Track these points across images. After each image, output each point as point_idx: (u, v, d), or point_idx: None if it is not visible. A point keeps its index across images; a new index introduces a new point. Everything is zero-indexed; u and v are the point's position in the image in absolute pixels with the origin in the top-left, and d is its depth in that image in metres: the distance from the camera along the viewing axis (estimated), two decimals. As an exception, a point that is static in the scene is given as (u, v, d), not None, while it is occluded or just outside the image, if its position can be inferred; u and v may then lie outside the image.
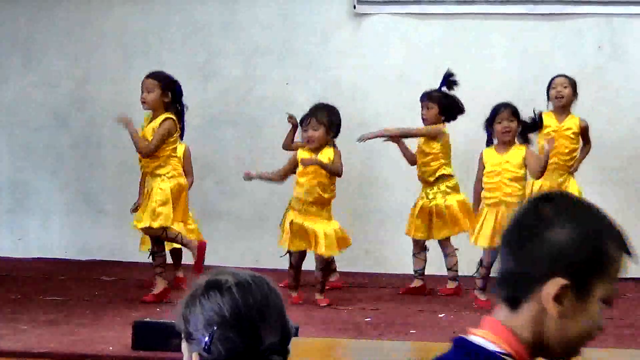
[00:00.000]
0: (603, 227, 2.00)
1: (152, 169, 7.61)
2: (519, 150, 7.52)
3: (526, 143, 7.56)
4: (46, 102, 9.97)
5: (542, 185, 7.96)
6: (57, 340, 6.23)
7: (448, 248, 8.17)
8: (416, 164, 8.16)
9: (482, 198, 7.62)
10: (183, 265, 8.45)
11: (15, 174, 10.09)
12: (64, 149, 9.93)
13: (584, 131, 8.14)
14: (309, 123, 7.61)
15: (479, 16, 9.40)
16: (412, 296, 8.13)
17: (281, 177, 7.88)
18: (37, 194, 10.02)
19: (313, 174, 7.62)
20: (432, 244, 8.28)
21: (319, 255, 7.59)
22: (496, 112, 7.55)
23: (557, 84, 8.11)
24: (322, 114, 7.62)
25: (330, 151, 7.62)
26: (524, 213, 2.03)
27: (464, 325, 7.43)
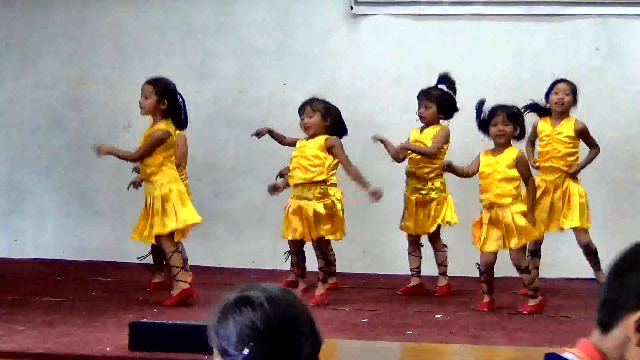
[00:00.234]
0: None
1: (147, 176, 7.59)
2: (512, 151, 7.52)
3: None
4: (42, 103, 9.96)
5: (539, 185, 7.96)
6: (54, 341, 6.23)
7: (438, 243, 8.24)
8: (407, 159, 8.15)
9: (480, 200, 7.63)
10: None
11: (10, 175, 10.08)
12: (60, 150, 9.91)
13: (582, 133, 8.05)
14: (304, 111, 7.65)
15: (476, 17, 9.40)
16: (409, 297, 8.12)
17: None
18: (33, 195, 10.00)
19: (297, 158, 7.64)
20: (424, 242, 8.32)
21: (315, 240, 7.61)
22: (492, 115, 7.54)
23: (560, 90, 8.05)
24: (317, 102, 7.68)
25: (322, 137, 7.58)
26: (631, 248, 2.26)
27: (461, 325, 7.43)
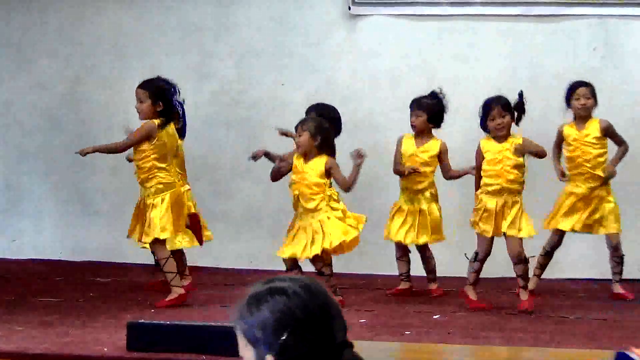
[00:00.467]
0: None
1: (141, 181, 7.57)
2: (516, 139, 7.59)
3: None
4: (39, 104, 9.96)
5: (573, 192, 8.03)
6: (52, 341, 6.22)
7: (427, 251, 8.31)
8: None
9: (482, 185, 7.64)
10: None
11: (8, 176, 10.08)
12: (57, 151, 9.91)
13: (608, 131, 8.10)
14: (297, 130, 7.68)
15: (473, 18, 9.40)
16: (407, 297, 8.13)
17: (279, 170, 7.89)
18: (31, 195, 10.00)
19: (298, 184, 7.63)
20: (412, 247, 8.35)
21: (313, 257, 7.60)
22: (488, 109, 7.57)
23: (581, 95, 8.08)
24: (307, 121, 7.69)
25: (321, 162, 7.61)
26: None
27: (459, 326, 7.42)
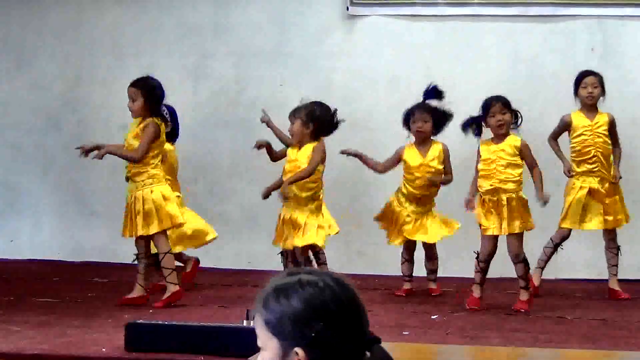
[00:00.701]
0: None
1: (132, 175, 7.54)
2: (514, 140, 7.57)
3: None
4: (38, 104, 9.96)
5: (582, 187, 8.03)
6: (50, 341, 6.22)
7: (432, 250, 8.29)
8: (411, 182, 8.14)
9: (479, 187, 7.63)
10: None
11: (6, 176, 10.07)
12: (56, 151, 9.91)
13: (613, 126, 8.11)
14: (290, 119, 7.76)
15: (471, 18, 9.41)
16: (405, 298, 8.13)
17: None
18: (29, 196, 10.00)
19: (289, 174, 7.69)
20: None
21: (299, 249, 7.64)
22: (488, 107, 7.57)
23: (589, 84, 8.09)
24: (299, 109, 7.76)
25: (309, 147, 7.67)
26: None
27: (457, 326, 7.41)
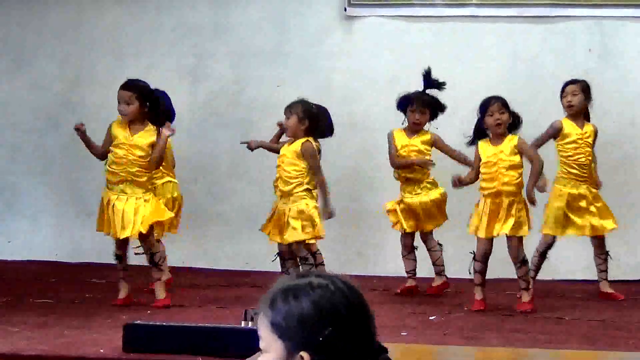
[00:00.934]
0: None
1: (147, 179, 7.58)
2: (511, 140, 7.59)
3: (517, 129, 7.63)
4: (37, 104, 9.95)
5: (570, 193, 8.01)
6: (48, 342, 6.22)
7: (431, 242, 8.28)
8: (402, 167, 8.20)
9: (480, 189, 7.64)
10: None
11: (4, 176, 10.06)
12: (54, 151, 9.90)
13: (595, 136, 8.11)
14: (285, 114, 7.73)
15: (469, 19, 9.41)
16: (403, 298, 8.13)
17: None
18: (27, 196, 9.99)
19: (279, 167, 7.69)
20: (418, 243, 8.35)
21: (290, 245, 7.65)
22: (487, 106, 7.59)
23: (568, 93, 8.07)
24: (295, 104, 7.73)
25: (297, 143, 7.65)
26: None
27: (456, 326, 7.41)
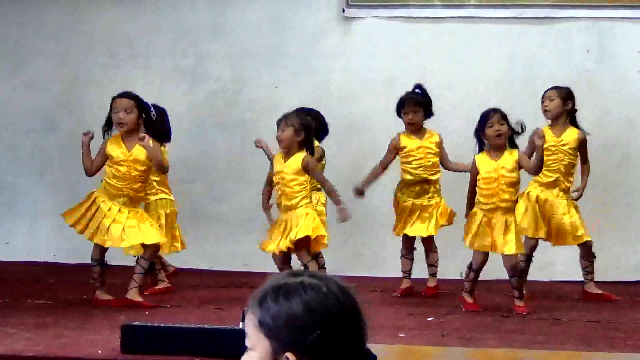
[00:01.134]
0: None
1: (136, 190, 7.64)
2: (511, 155, 7.53)
3: (515, 148, 7.57)
4: (34, 105, 9.95)
5: (539, 197, 7.97)
6: (46, 343, 6.22)
7: (432, 245, 8.28)
8: (414, 165, 8.18)
9: (477, 203, 7.61)
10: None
11: (2, 177, 10.06)
12: (52, 152, 9.90)
13: (581, 144, 8.00)
14: (279, 125, 7.67)
15: (467, 20, 9.41)
16: (401, 299, 8.13)
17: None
18: (25, 197, 9.99)
19: (279, 184, 7.68)
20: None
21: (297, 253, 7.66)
22: (486, 117, 7.54)
23: (545, 98, 8.04)
24: (291, 116, 7.70)
25: (298, 158, 7.62)
26: None
27: (453, 328, 7.42)
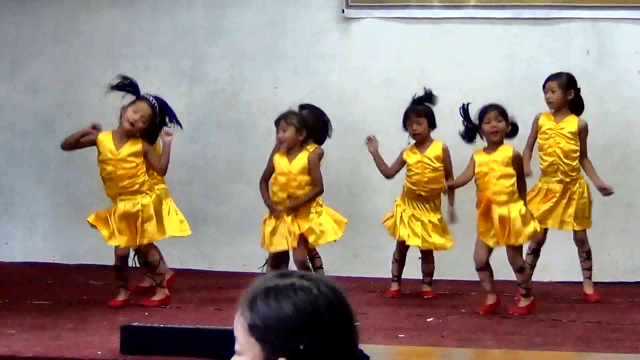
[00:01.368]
0: None
1: (139, 186, 7.64)
2: (507, 149, 7.53)
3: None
4: (32, 107, 9.94)
5: (541, 187, 7.97)
6: (44, 344, 6.22)
7: (430, 256, 8.27)
8: (412, 179, 8.13)
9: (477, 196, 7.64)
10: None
11: (1, 178, 10.06)
12: (50, 153, 9.88)
13: (581, 132, 7.97)
14: (280, 125, 7.67)
15: (466, 20, 9.41)
16: (400, 300, 8.13)
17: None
18: (23, 198, 9.99)
19: (288, 185, 7.69)
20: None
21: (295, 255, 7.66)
22: (484, 113, 7.55)
23: (547, 89, 8.04)
24: (292, 115, 7.70)
25: (303, 157, 7.62)
26: None
27: (452, 329, 7.42)
